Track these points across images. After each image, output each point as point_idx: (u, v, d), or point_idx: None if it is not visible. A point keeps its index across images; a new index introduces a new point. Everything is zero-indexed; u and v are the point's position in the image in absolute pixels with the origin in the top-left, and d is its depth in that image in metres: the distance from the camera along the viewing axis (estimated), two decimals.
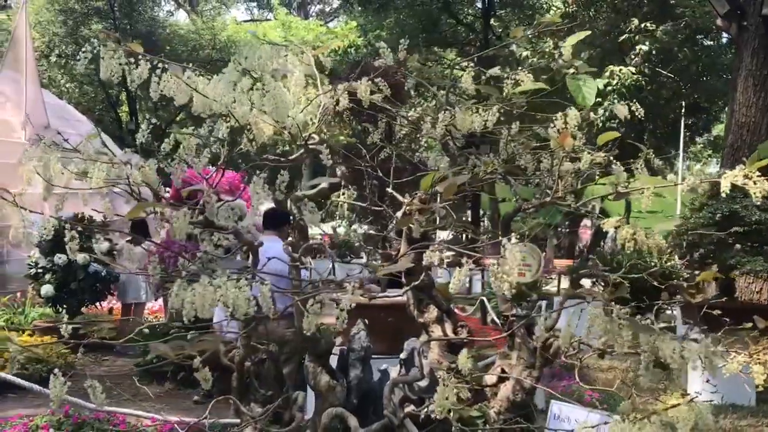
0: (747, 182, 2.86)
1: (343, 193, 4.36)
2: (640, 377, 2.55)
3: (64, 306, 9.81)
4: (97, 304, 10.63)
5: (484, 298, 11.69)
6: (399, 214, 3.44)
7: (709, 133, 29.50)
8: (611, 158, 3.38)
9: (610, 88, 16.68)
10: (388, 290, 3.68)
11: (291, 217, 3.47)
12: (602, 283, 10.06)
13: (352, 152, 4.29)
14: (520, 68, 3.56)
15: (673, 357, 2.40)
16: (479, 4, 24.59)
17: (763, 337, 3.41)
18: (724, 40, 21.48)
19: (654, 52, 18.14)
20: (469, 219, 22.16)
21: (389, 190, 3.92)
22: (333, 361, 3.55)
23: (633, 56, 18.19)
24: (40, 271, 9.67)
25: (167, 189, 8.83)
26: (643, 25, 17.94)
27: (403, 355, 3.53)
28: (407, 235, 3.51)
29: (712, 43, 21.85)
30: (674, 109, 22.28)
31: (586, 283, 9.63)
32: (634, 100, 3.69)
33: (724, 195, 2.94)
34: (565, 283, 16.37)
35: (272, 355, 3.49)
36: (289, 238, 3.43)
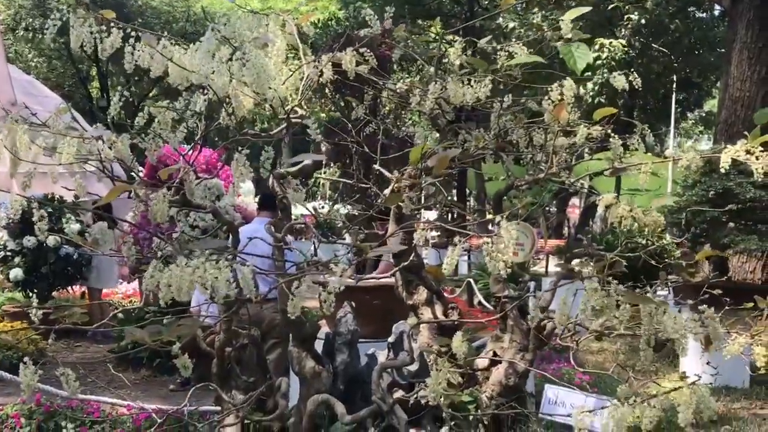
0: (749, 158, 2.83)
1: (325, 172, 4.31)
2: (641, 353, 2.52)
3: (34, 290, 9.69)
4: (69, 288, 10.53)
5: (471, 280, 11.70)
6: (387, 191, 3.39)
7: (701, 109, 29.60)
8: (608, 133, 3.35)
9: (599, 61, 16.62)
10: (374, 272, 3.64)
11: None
12: (593, 264, 10.05)
13: (337, 127, 4.23)
14: (513, 40, 3.51)
15: (675, 329, 2.38)
16: None
17: (761, 317, 3.39)
18: (717, 12, 21.48)
19: (644, 22, 18.09)
20: (455, 198, 22.14)
21: (376, 166, 3.87)
22: (318, 345, 3.51)
23: (622, 28, 18.14)
24: (8, 254, 9.55)
25: (141, 169, 8.74)
26: None
27: (391, 339, 3.50)
28: (396, 214, 3.47)
29: (704, 15, 21.84)
30: (665, 84, 22.27)
31: (576, 264, 9.64)
32: (632, 70, 3.65)
33: (723, 170, 2.92)
34: (553, 264, 16.43)
35: (254, 340, 3.44)
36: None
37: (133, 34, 2.66)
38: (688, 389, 2.46)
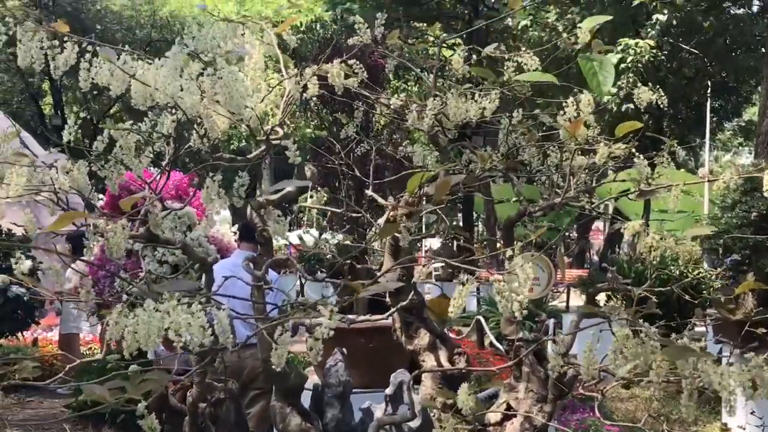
0: None
1: (311, 196, 4.32)
2: (682, 408, 2.50)
3: None
4: (19, 334, 10.48)
5: (481, 318, 11.67)
6: (381, 221, 3.39)
7: (740, 118, 29.76)
8: (632, 152, 3.37)
9: (624, 65, 16.68)
10: (370, 313, 3.64)
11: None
12: (620, 298, 10.06)
13: (322, 147, 4.25)
14: (519, 45, 3.52)
15: (723, 384, 2.36)
16: None
17: None
18: (756, 8, 21.65)
19: (674, 23, 18.21)
20: (461, 224, 22.16)
21: (368, 192, 3.88)
22: (306, 399, 3.49)
23: (649, 27, 18.23)
24: None
25: (101, 197, 8.74)
26: None
27: (389, 390, 3.49)
28: (391, 247, 3.47)
29: (741, 11, 22.00)
30: (698, 91, 22.38)
31: (601, 298, 9.62)
32: (658, 87, 3.68)
33: (767, 194, 2.92)
34: (575, 298, 16.41)
35: (232, 394, 3.42)
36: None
37: (90, 48, 2.66)
38: None
